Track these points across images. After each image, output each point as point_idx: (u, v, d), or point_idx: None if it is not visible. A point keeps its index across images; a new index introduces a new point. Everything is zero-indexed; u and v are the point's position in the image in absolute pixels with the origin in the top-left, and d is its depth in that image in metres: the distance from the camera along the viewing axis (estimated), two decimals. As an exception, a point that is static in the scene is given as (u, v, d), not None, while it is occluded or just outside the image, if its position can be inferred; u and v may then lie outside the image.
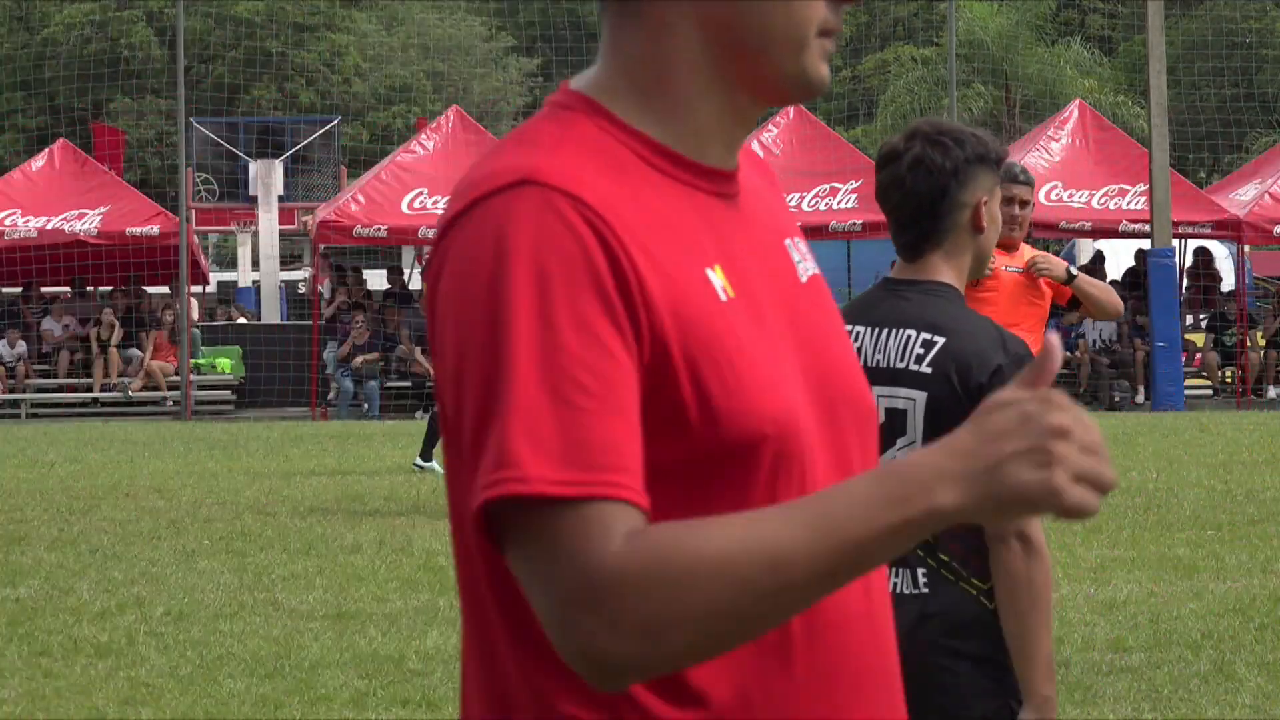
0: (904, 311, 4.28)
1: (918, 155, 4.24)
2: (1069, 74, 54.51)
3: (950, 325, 4.23)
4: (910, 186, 4.25)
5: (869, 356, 4.25)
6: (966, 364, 4.17)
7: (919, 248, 4.32)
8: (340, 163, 41.54)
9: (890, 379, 4.22)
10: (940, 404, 4.16)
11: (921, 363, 4.21)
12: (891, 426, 4.18)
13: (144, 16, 67.18)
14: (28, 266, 35.66)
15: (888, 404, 4.19)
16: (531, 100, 73.65)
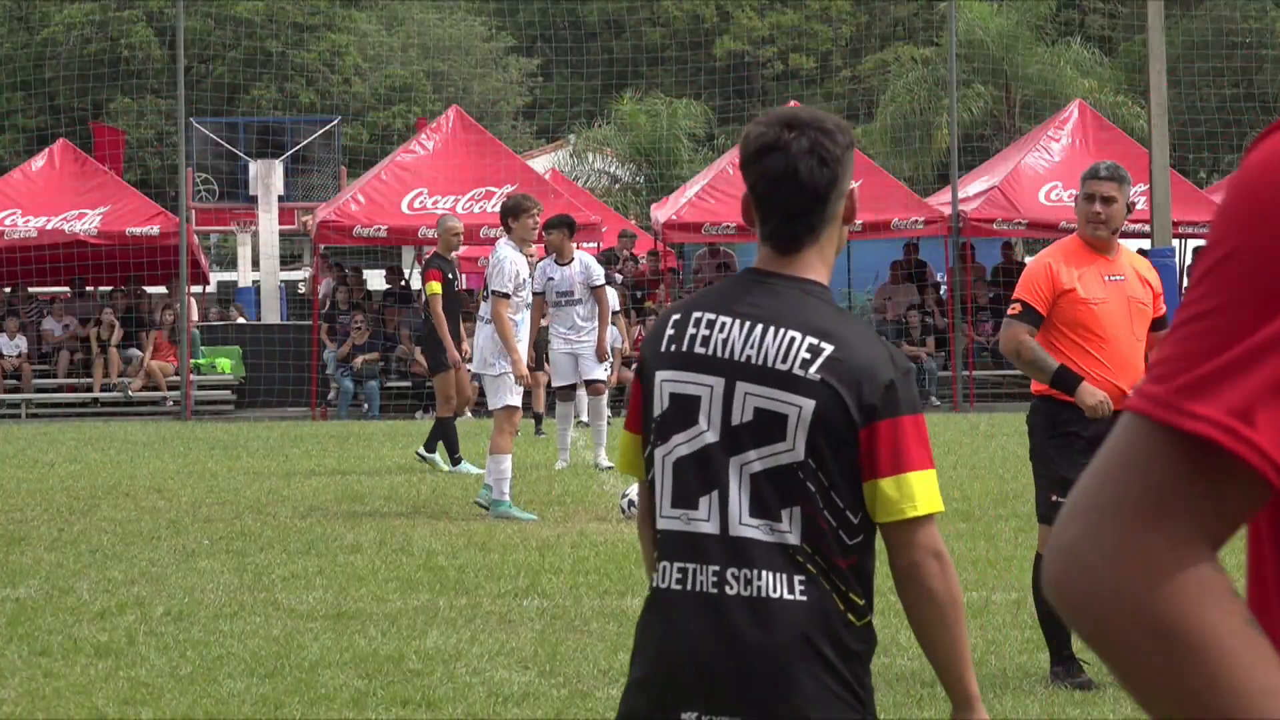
0: (782, 310, 4.11)
1: (811, 144, 4.10)
2: (1069, 74, 54.50)
3: (838, 333, 4.07)
4: (805, 177, 4.10)
5: (736, 350, 4.08)
6: (857, 379, 4.02)
7: (799, 241, 4.15)
8: (340, 163, 41.56)
9: (769, 380, 4.05)
10: (827, 417, 4.01)
11: (808, 369, 4.04)
12: (762, 428, 4.04)
13: (144, 16, 67.18)
14: (28, 266, 35.65)
15: (760, 404, 4.05)
16: (531, 100, 73.68)
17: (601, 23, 68.58)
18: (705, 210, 34.54)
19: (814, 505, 4.02)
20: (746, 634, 4.00)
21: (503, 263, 16.29)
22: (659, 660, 4.08)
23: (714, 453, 4.08)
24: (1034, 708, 8.56)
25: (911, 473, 4.01)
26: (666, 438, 4.13)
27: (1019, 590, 11.70)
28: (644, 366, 4.20)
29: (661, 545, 4.12)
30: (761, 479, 4.04)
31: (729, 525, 4.04)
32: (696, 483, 4.08)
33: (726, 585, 4.02)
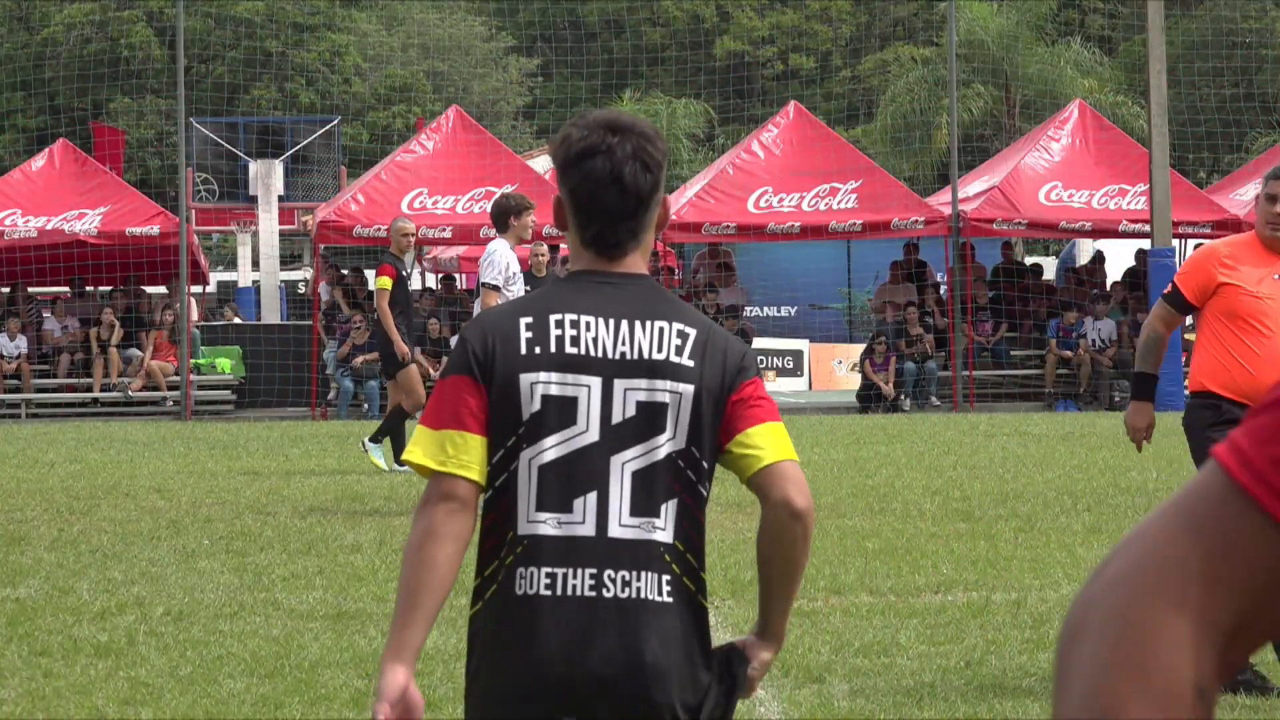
0: (640, 305, 4.11)
1: (635, 149, 4.09)
2: (1069, 74, 54.50)
3: (695, 318, 4.15)
4: (629, 181, 4.08)
5: (609, 347, 4.06)
6: (724, 355, 4.10)
7: (623, 245, 4.13)
8: (340, 163, 41.55)
9: (648, 371, 4.06)
10: (705, 397, 4.06)
11: (683, 355, 4.07)
12: (644, 422, 4.05)
13: (144, 16, 67.19)
14: (28, 266, 35.65)
15: (642, 398, 4.05)
16: (531, 100, 73.67)
17: (601, 23, 68.56)
18: (705, 210, 34.53)
19: (691, 493, 4.04)
20: (627, 639, 3.97)
21: (493, 255, 16.31)
22: (528, 668, 3.99)
23: (593, 453, 4.02)
24: (1034, 708, 8.56)
25: (773, 422, 4.08)
26: (535, 440, 4.03)
27: (1019, 590, 11.70)
28: (494, 368, 4.05)
29: (524, 551, 4.01)
30: (643, 475, 4.02)
31: (607, 527, 4.00)
32: (570, 485, 4.01)
33: (604, 588, 3.98)
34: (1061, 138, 36.09)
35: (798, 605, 11.25)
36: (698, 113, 57.50)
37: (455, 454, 4.00)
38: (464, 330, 4.15)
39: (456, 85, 69.73)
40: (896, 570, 12.54)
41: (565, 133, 4.15)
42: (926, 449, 23.57)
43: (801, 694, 8.82)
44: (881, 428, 28.33)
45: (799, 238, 34.88)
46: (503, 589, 4.03)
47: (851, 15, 75.35)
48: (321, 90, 68.29)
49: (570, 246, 4.25)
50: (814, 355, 40.76)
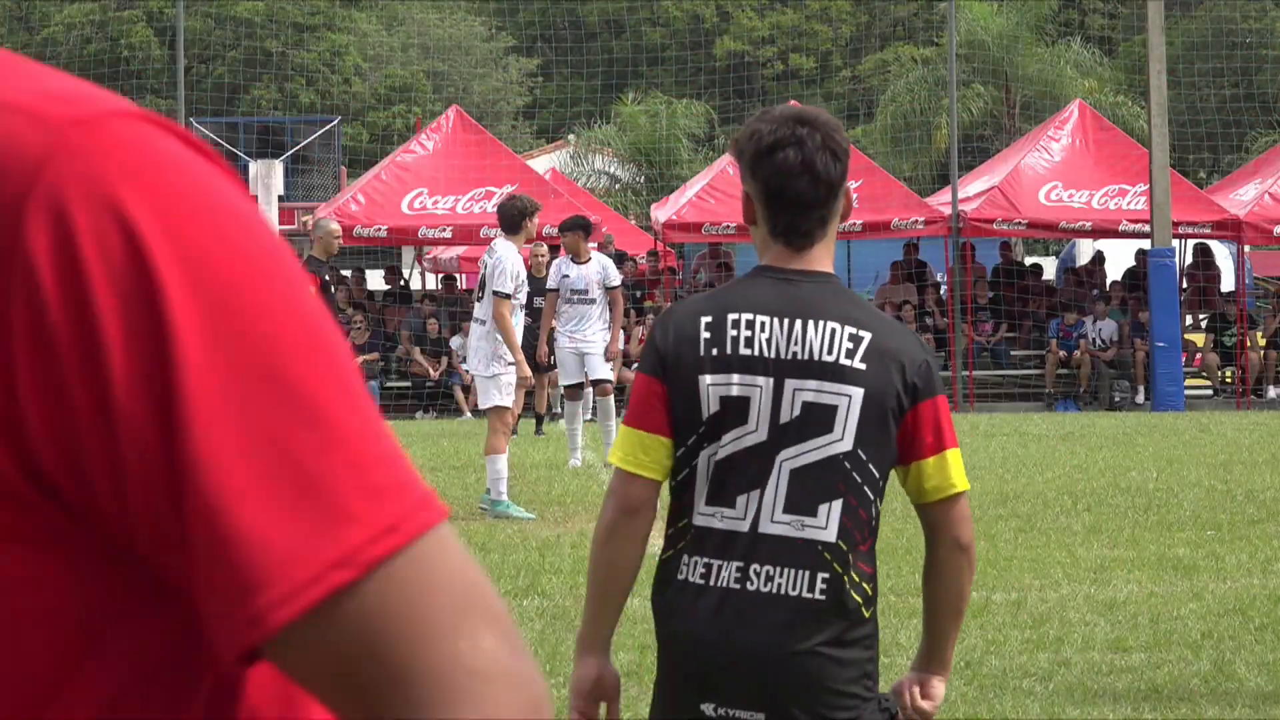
0: (814, 304, 4.22)
1: (824, 139, 4.23)
2: (1069, 74, 54.50)
3: (872, 321, 4.24)
4: (822, 170, 4.21)
5: (781, 348, 4.19)
6: (900, 362, 4.19)
7: (812, 235, 4.26)
8: (340, 163, 41.57)
9: (817, 373, 4.18)
10: (875, 403, 4.16)
11: (854, 358, 4.18)
12: (813, 421, 4.17)
13: (144, 16, 67.21)
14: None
15: (810, 398, 4.17)
16: (531, 100, 73.69)
17: (601, 23, 68.57)
18: (705, 210, 34.53)
19: (858, 495, 4.18)
20: (764, 631, 4.13)
21: (503, 262, 16.27)
22: (679, 652, 4.21)
23: (759, 451, 4.17)
24: (1034, 708, 8.56)
25: (950, 450, 4.22)
26: (714, 439, 4.19)
27: (1019, 590, 11.70)
28: (677, 368, 4.21)
29: (692, 541, 4.20)
30: (803, 474, 4.16)
31: (759, 522, 4.15)
32: (736, 481, 4.17)
33: (748, 581, 4.14)
34: (1061, 138, 36.08)
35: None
36: (698, 113, 57.48)
37: (644, 457, 4.21)
38: (653, 327, 4.34)
39: (456, 85, 69.74)
40: (896, 570, 12.54)
41: (754, 128, 4.28)
42: (926, 449, 23.58)
43: (801, 694, 8.82)
44: (881, 428, 28.33)
45: (799, 238, 34.89)
46: (670, 573, 4.25)
47: (851, 15, 75.36)
48: (321, 90, 68.30)
49: (758, 240, 4.35)
50: (814, 355, 40.78)
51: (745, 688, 4.14)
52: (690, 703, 4.18)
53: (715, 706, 4.16)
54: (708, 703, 4.16)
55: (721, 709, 4.16)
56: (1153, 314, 33.60)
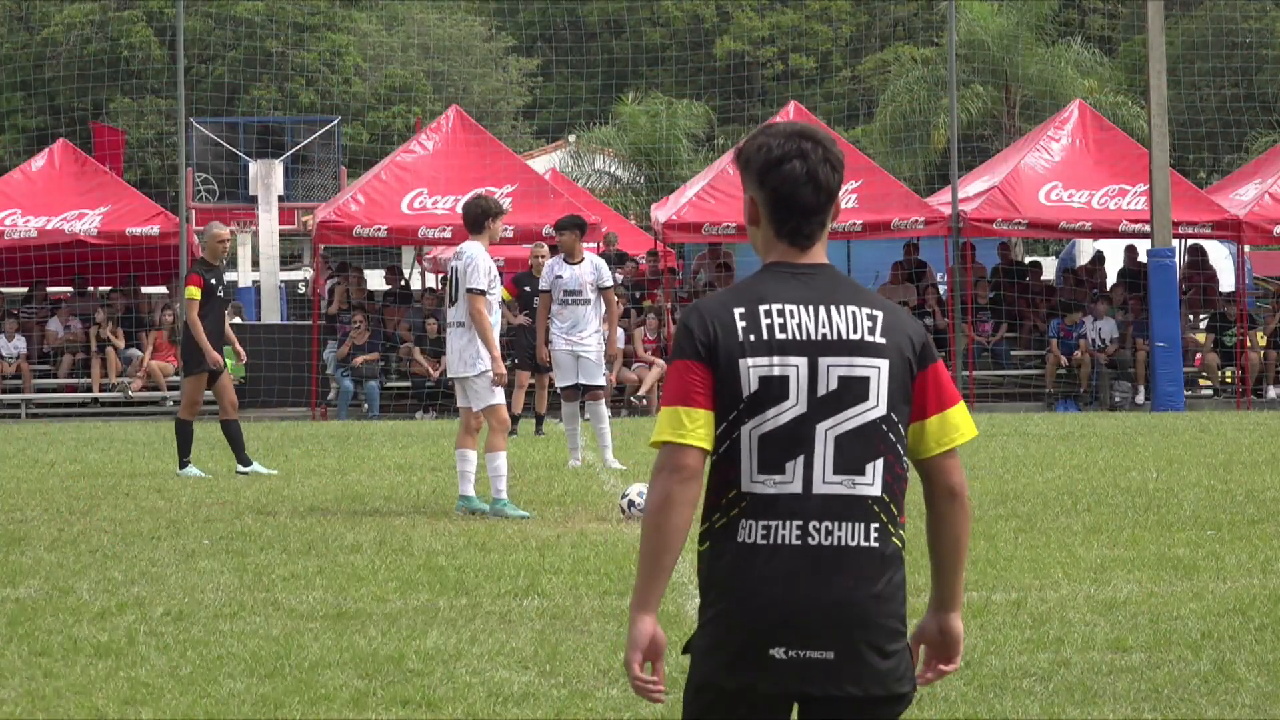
0: (831, 291, 4.81)
1: (825, 154, 4.83)
2: (1069, 74, 54.47)
3: (880, 302, 4.84)
4: (824, 180, 4.82)
5: (811, 331, 4.75)
6: (909, 335, 4.81)
7: (814, 236, 4.86)
8: (340, 163, 41.54)
9: (847, 350, 4.75)
10: (898, 372, 4.77)
11: (875, 334, 4.77)
12: (850, 392, 4.74)
13: (144, 16, 67.16)
14: (28, 267, 35.66)
15: (844, 372, 4.74)
16: (531, 100, 73.65)
17: (601, 23, 68.54)
18: (705, 210, 34.53)
19: (895, 453, 4.76)
20: (830, 579, 4.68)
21: (476, 260, 16.24)
22: (745, 604, 4.70)
23: (803, 422, 4.72)
24: (1034, 708, 8.56)
25: (952, 408, 4.85)
26: (755, 414, 4.72)
27: (1019, 590, 11.70)
28: (719, 354, 4.73)
29: (747, 507, 4.72)
30: (847, 439, 4.73)
31: (812, 484, 4.71)
32: (784, 450, 4.71)
33: (809, 537, 4.70)
34: (1061, 138, 36.08)
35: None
36: (698, 113, 57.47)
37: (691, 426, 4.72)
38: (685, 319, 4.81)
39: (456, 85, 69.72)
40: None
41: (761, 142, 4.87)
42: (926, 449, 23.56)
43: (801, 694, 8.82)
44: (881, 428, 28.31)
45: (799, 238, 34.86)
46: (727, 536, 4.74)
47: (851, 15, 75.33)
48: (321, 90, 68.27)
49: (763, 240, 4.90)
50: (814, 355, 40.76)
51: (817, 631, 4.67)
52: (757, 650, 4.68)
53: (785, 650, 4.67)
54: (778, 648, 4.67)
55: (792, 651, 4.67)
56: (1153, 314, 33.58)
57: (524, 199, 34.14)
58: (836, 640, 4.68)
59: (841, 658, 4.69)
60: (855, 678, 4.70)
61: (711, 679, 4.74)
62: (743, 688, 4.72)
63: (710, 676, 4.75)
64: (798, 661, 4.68)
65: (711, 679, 4.74)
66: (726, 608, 4.72)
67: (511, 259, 41.97)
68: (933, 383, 4.82)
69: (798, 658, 4.68)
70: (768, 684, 4.70)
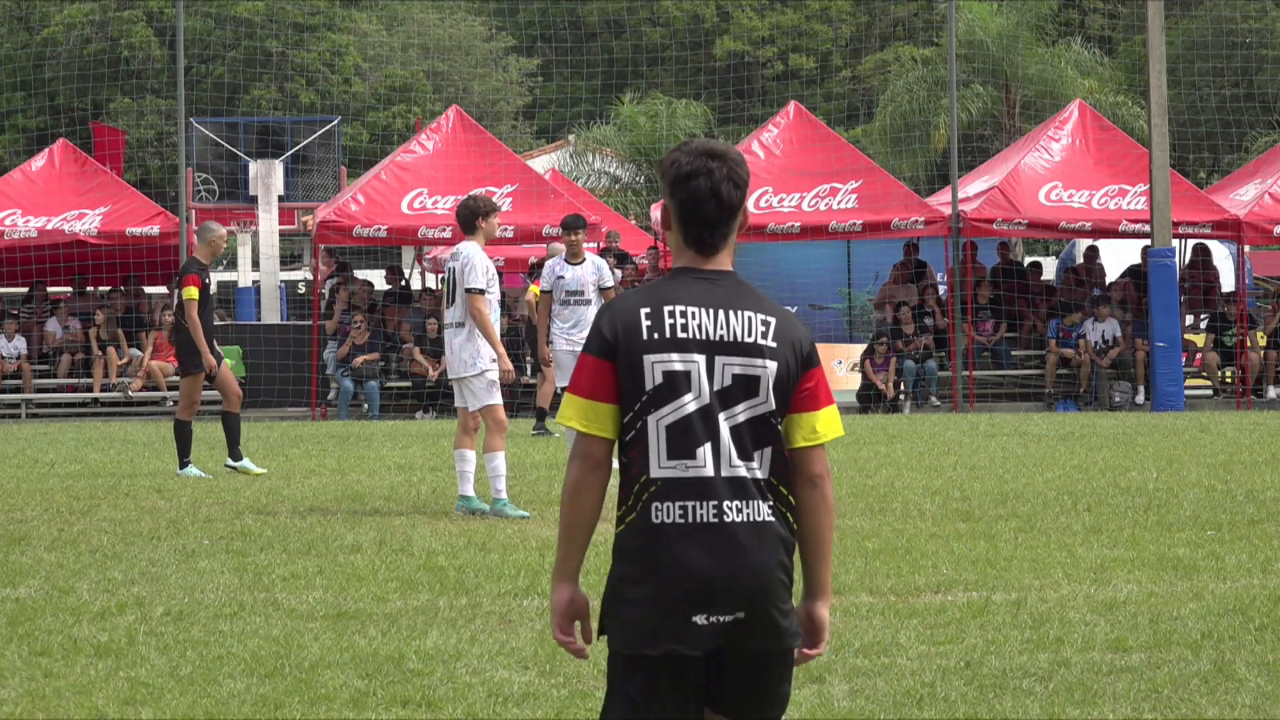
0: (731, 297, 5.32)
1: (729, 172, 5.33)
2: (1069, 74, 54.47)
3: (774, 309, 5.35)
4: (726, 196, 5.32)
5: (710, 331, 5.27)
6: (796, 340, 5.34)
7: (718, 245, 5.37)
8: (340, 163, 41.52)
9: (742, 351, 5.28)
10: (783, 373, 5.30)
11: (767, 338, 5.29)
12: (743, 388, 5.27)
13: (144, 16, 67.15)
14: (28, 267, 35.65)
15: (737, 371, 5.28)
16: (531, 100, 73.64)
17: (601, 23, 68.54)
18: (705, 210, 34.50)
19: (777, 441, 5.31)
20: (742, 552, 5.23)
21: (472, 259, 16.26)
22: (666, 579, 5.22)
23: (707, 413, 5.25)
24: (1034, 708, 8.56)
25: (825, 408, 5.38)
26: (660, 406, 5.25)
27: (1019, 590, 11.70)
28: (622, 350, 5.27)
29: (657, 490, 5.24)
30: (742, 429, 5.26)
31: (720, 468, 5.24)
32: (693, 438, 5.24)
33: (724, 515, 5.23)
34: (1061, 138, 36.07)
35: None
36: (698, 113, 57.46)
37: (598, 419, 5.28)
38: (598, 318, 5.34)
39: (456, 85, 69.71)
40: (896, 570, 12.54)
41: (674, 158, 5.38)
42: (926, 449, 23.57)
43: (801, 694, 8.82)
44: (881, 428, 28.33)
45: (799, 238, 34.87)
46: (641, 518, 5.26)
47: (851, 15, 75.32)
48: (321, 90, 68.26)
49: (673, 245, 5.43)
50: (814, 355, 40.72)
51: (732, 597, 5.21)
52: (680, 617, 5.20)
53: (706, 616, 5.21)
54: (699, 614, 5.21)
55: (712, 617, 5.21)
56: (1153, 314, 33.57)
57: (524, 199, 34.15)
58: (748, 604, 5.22)
59: (752, 619, 5.24)
60: (764, 635, 5.26)
61: (636, 649, 5.24)
62: (666, 654, 5.22)
63: (634, 647, 5.24)
64: (717, 625, 5.21)
65: (636, 649, 5.24)
66: (647, 583, 5.23)
67: (511, 259, 41.99)
68: (812, 384, 5.33)
69: (717, 622, 5.21)
70: (690, 647, 5.22)
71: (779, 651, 5.33)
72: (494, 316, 16.47)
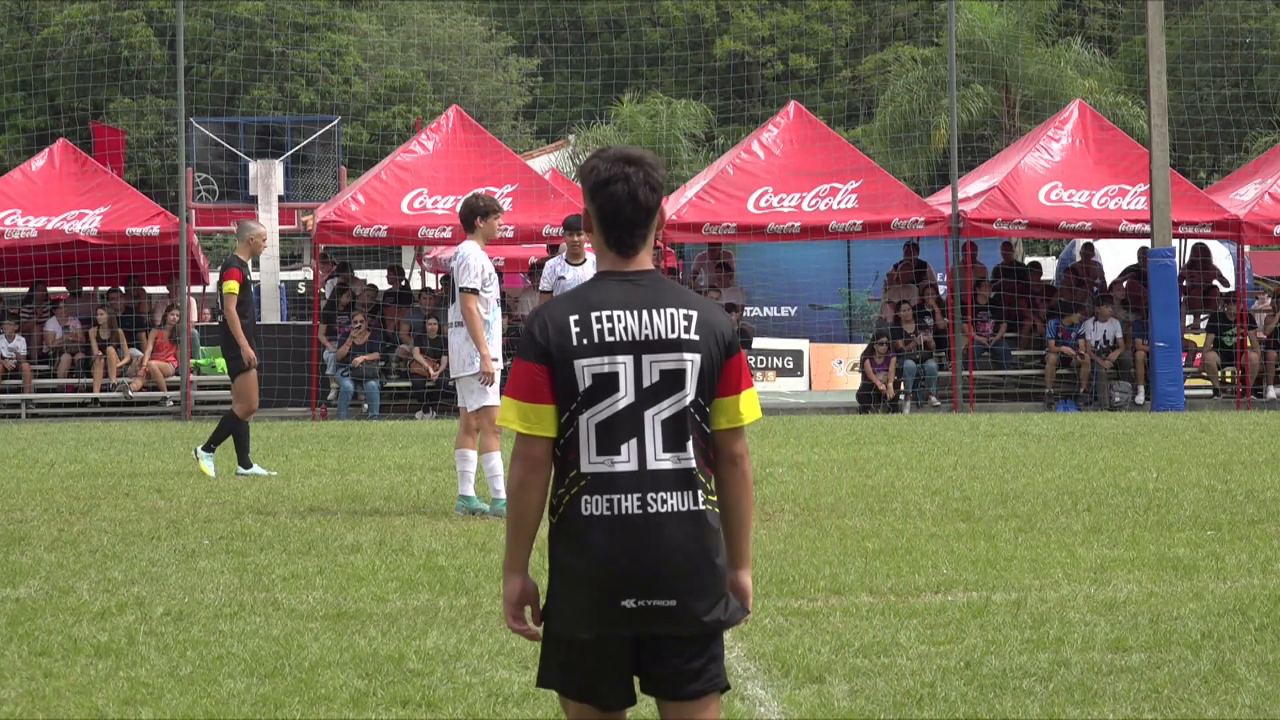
0: (652, 296, 5.65)
1: (647, 176, 5.66)
2: (1069, 74, 54.47)
3: (694, 302, 5.67)
4: (643, 200, 5.65)
5: (635, 333, 5.60)
6: (719, 331, 5.66)
7: (637, 247, 5.70)
8: (340, 163, 41.53)
9: (666, 348, 5.60)
10: (706, 364, 5.63)
11: (690, 332, 5.62)
12: (669, 383, 5.60)
13: (144, 16, 67.15)
14: (28, 267, 35.65)
15: (664, 367, 5.60)
16: (531, 100, 73.62)
17: (601, 23, 68.52)
18: (705, 210, 34.52)
19: (702, 431, 5.64)
20: (668, 540, 5.55)
21: (467, 259, 16.30)
22: (596, 566, 5.57)
23: (633, 410, 5.58)
24: (1034, 708, 8.56)
25: (746, 391, 5.69)
26: (591, 405, 5.58)
27: (1019, 590, 11.70)
28: (556, 355, 5.60)
29: (586, 485, 5.58)
30: (669, 422, 5.59)
31: (646, 462, 5.58)
32: (618, 435, 5.58)
33: (649, 506, 5.56)
34: (1061, 138, 36.07)
35: (798, 605, 11.25)
36: (698, 113, 57.47)
37: (538, 420, 5.61)
38: (528, 324, 5.65)
39: (456, 85, 69.71)
40: (896, 570, 12.54)
41: (593, 164, 5.71)
42: (926, 449, 23.57)
43: (801, 694, 8.83)
44: (881, 428, 28.33)
45: (799, 238, 34.87)
46: (571, 511, 5.60)
47: (851, 15, 75.31)
48: (321, 90, 68.26)
49: (596, 247, 5.75)
50: (814, 355, 40.75)
51: (660, 583, 5.55)
52: (612, 601, 5.54)
53: (635, 600, 5.54)
54: (628, 599, 5.54)
55: (641, 601, 5.54)
56: (1153, 314, 33.56)
57: (524, 199, 34.15)
58: (676, 589, 5.56)
59: (681, 603, 5.57)
60: (692, 618, 5.59)
61: (569, 633, 5.62)
62: (597, 637, 5.59)
63: (567, 631, 5.62)
64: (646, 609, 5.56)
65: (569, 633, 5.62)
66: (579, 571, 5.59)
67: (511, 259, 41.99)
68: (734, 370, 5.67)
69: (646, 606, 5.55)
70: (620, 630, 5.58)
71: (704, 635, 5.64)
72: (493, 316, 16.49)
